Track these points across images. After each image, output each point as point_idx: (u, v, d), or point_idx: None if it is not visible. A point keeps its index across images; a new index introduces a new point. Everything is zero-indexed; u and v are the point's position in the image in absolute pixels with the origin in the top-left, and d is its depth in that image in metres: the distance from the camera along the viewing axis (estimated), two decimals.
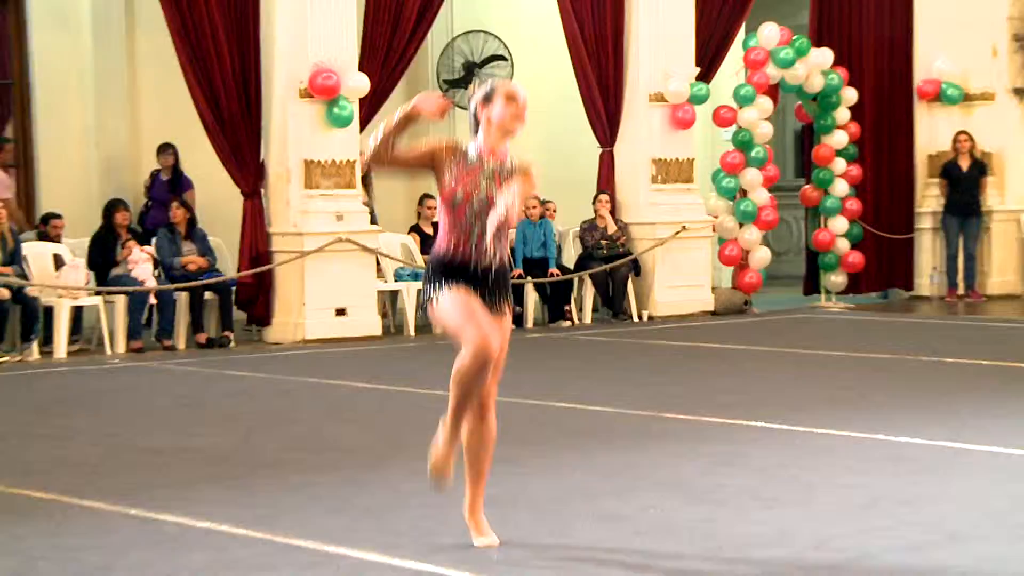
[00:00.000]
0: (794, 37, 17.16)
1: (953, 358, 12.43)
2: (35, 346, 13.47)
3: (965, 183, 17.91)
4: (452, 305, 6.04)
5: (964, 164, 17.89)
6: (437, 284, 6.11)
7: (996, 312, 16.78)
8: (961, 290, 17.95)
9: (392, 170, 6.52)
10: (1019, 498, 6.94)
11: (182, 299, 14.23)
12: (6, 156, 15.49)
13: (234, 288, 14.59)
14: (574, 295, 16.21)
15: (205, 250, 14.53)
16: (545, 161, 17.19)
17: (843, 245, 17.82)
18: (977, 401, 10.05)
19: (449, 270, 6.09)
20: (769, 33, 17.10)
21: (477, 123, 6.21)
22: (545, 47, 17.02)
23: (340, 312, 14.52)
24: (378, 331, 14.77)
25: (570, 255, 16.66)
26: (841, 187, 17.75)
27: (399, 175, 6.83)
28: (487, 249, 6.06)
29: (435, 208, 15.88)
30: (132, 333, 13.91)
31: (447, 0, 15.91)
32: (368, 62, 14.76)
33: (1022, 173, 18.66)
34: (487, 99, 6.16)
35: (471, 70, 18.35)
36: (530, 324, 15.72)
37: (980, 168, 17.97)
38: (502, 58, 18.16)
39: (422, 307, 6.56)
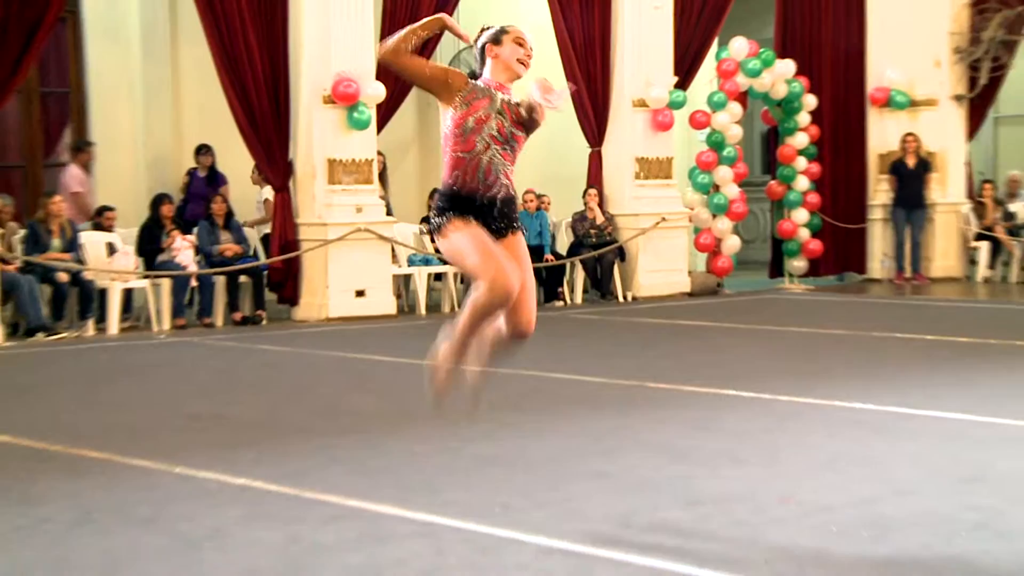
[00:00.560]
0: (761, 50, 17.18)
1: (901, 333, 12.47)
2: (90, 324, 13.53)
3: (912, 179, 17.92)
4: (464, 241, 5.72)
5: (911, 162, 17.90)
6: (445, 217, 5.77)
7: (939, 293, 16.79)
8: (908, 273, 17.96)
9: (403, 69, 5.88)
10: (958, 457, 6.98)
11: (220, 282, 14.29)
12: (87, 157, 15.54)
13: (266, 272, 14.63)
14: (566, 278, 16.24)
15: (240, 239, 14.57)
16: (541, 159, 17.47)
17: (804, 234, 17.88)
18: (922, 371, 10.10)
19: (456, 201, 5.75)
20: (739, 46, 17.13)
21: (483, 62, 5.97)
22: (540, 58, 16.83)
23: (359, 293, 14.55)
24: (393, 310, 14.79)
25: (563, 243, 16.70)
26: (802, 182, 17.81)
27: (406, 77, 5.92)
28: (495, 179, 5.76)
29: None
30: (176, 312, 13.95)
31: (455, 15, 15.87)
32: (384, 71, 14.73)
33: (961, 170, 18.70)
34: (496, 40, 5.94)
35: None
36: None
37: (925, 166, 17.98)
38: None
39: (430, 235, 6.14)
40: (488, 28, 6.03)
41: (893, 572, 4.95)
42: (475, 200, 5.74)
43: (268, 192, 15.20)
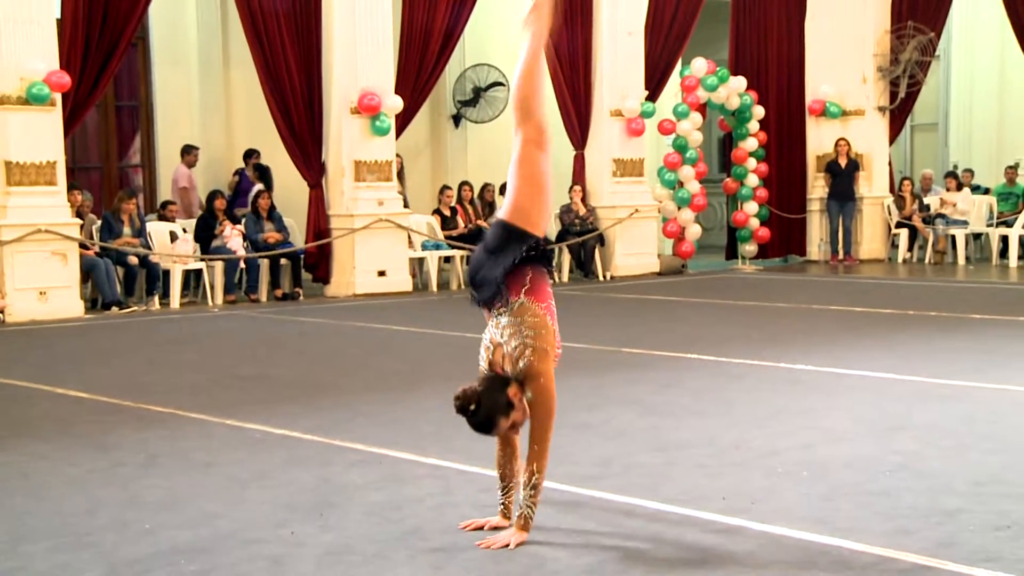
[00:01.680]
0: (717, 68, 17.15)
1: (835, 306, 12.47)
2: (156, 299, 13.52)
3: (843, 177, 17.91)
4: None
5: (842, 162, 17.88)
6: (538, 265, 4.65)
7: (866, 272, 16.79)
8: (840, 255, 17.95)
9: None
10: (883, 409, 6.98)
11: (264, 264, 14.27)
12: (193, 159, 15.58)
13: (302, 256, 14.58)
14: (555, 261, 16.20)
15: (281, 228, 14.52)
16: None
17: (754, 223, 17.86)
18: (852, 337, 10.10)
19: (544, 254, 4.70)
20: (699, 65, 17.08)
21: None
22: None
23: (381, 273, 14.51)
24: (409, 288, 14.76)
25: (551, 231, 16.65)
26: (753, 179, 17.79)
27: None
28: None
29: (451, 196, 16.01)
30: (227, 289, 13.92)
31: (460, 40, 15.85)
32: (401, 87, 14.72)
33: (884, 169, 18.68)
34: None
35: (478, 93, 18.32)
36: None
37: (854, 165, 17.96)
38: (501, 84, 18.10)
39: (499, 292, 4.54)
40: None
41: (829, 505, 4.94)
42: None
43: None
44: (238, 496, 5.28)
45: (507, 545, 4.38)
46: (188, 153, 15.53)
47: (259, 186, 15.24)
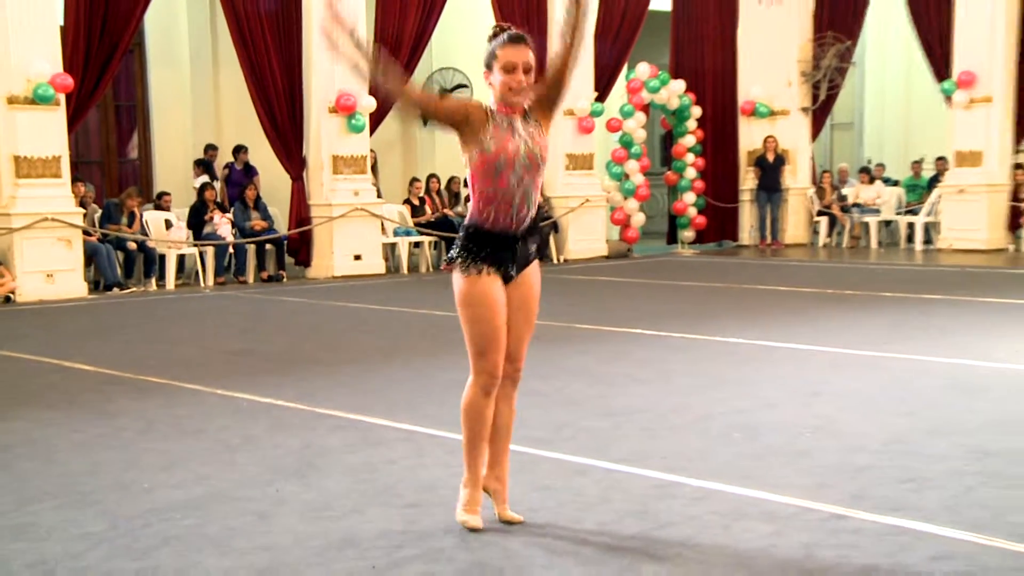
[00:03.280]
0: (659, 72, 17.16)
1: (764, 285, 12.53)
2: (152, 281, 13.40)
3: (771, 170, 17.98)
4: (476, 309, 4.03)
5: (770, 157, 17.95)
6: (470, 259, 4.03)
7: (791, 255, 16.88)
8: (768, 240, 18.05)
9: (411, 109, 4.04)
10: (805, 377, 7.03)
11: (251, 249, 14.16)
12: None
13: (286, 241, 14.51)
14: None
15: (266, 216, 14.42)
16: None
17: (692, 211, 17.91)
18: (779, 313, 10.16)
19: (484, 240, 4.02)
20: (643, 69, 17.10)
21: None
22: None
23: (357, 257, 14.45)
24: (383, 271, 14.71)
25: None
26: (691, 172, 17.83)
27: (422, 116, 4.05)
28: (527, 210, 4.06)
29: (420, 187, 15.92)
30: (217, 272, 13.84)
31: (428, 46, 15.78)
32: (375, 88, 14.64)
33: (807, 164, 18.78)
34: (487, 64, 4.00)
35: (445, 94, 18.23)
36: None
37: (780, 160, 18.03)
38: (465, 86, 18.04)
39: (447, 264, 4.13)
40: (492, 35, 4.05)
41: (760, 463, 4.98)
42: (504, 237, 4.04)
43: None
44: (228, 458, 5.26)
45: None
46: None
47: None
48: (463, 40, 17.63)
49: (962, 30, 16.33)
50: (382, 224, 14.88)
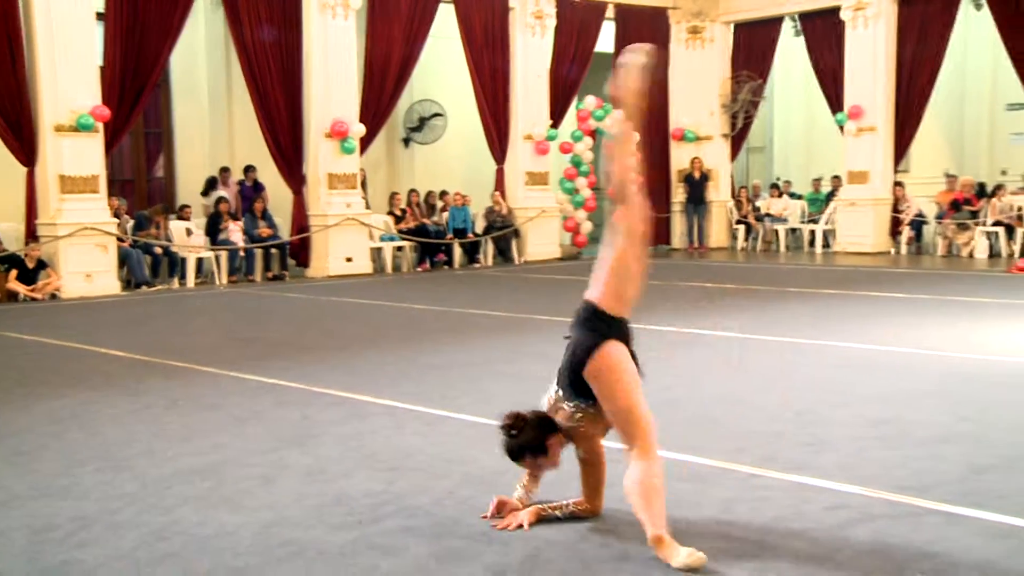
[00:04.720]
0: (604, 103, 17.18)
1: (692, 283, 12.58)
2: (176, 280, 13.26)
3: (697, 186, 18.07)
4: (628, 375, 3.65)
5: (697, 175, 18.03)
6: (602, 334, 3.72)
7: (714, 258, 16.97)
8: (696, 245, 18.12)
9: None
10: (728, 359, 7.05)
11: (258, 252, 14.06)
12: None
13: (288, 246, 14.39)
14: (482, 249, 16.18)
15: (271, 225, 14.31)
16: (464, 173, 17.29)
17: None
18: (706, 306, 10.20)
19: (615, 325, 3.76)
20: (590, 100, 17.16)
21: None
22: (466, 106, 16.81)
23: (348, 260, 14.35)
24: (370, 271, 14.63)
25: (480, 226, 16.60)
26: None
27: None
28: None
29: (401, 200, 15.84)
30: (230, 272, 13.72)
31: (409, 80, 15.71)
32: (364, 116, 14.57)
33: (727, 180, 18.87)
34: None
35: (423, 122, 18.16)
36: (489, 262, 15.73)
37: (705, 178, 18.11)
38: (440, 114, 17.98)
39: (580, 358, 3.70)
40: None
41: (684, 431, 4.98)
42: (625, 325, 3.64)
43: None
44: (239, 430, 5.20)
45: (522, 525, 3.54)
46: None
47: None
48: (439, 74, 17.64)
49: (851, 71, 16.50)
50: (370, 231, 14.80)
